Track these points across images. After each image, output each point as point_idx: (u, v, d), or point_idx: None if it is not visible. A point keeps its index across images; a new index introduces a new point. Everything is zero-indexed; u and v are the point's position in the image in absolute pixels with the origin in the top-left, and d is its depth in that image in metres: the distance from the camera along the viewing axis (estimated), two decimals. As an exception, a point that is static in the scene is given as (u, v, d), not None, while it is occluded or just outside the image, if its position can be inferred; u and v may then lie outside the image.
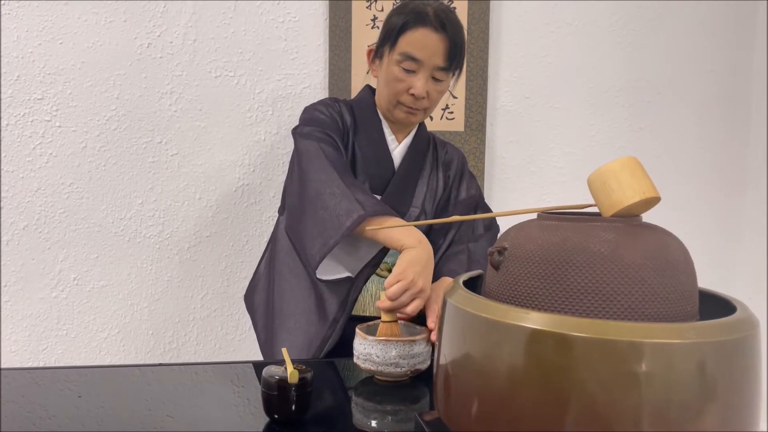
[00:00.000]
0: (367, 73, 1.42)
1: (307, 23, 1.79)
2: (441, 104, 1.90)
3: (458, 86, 1.90)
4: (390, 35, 1.30)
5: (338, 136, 1.33)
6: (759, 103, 2.12)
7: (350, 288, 1.26)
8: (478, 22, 1.89)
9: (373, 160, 1.37)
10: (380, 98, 1.38)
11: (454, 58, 1.30)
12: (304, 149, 1.29)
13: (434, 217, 1.44)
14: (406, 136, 1.42)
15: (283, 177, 1.62)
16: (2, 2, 1.60)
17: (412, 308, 1.06)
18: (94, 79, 1.67)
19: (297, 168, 1.30)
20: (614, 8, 2.00)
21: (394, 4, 1.80)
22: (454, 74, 1.36)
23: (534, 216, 0.74)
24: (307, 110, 1.40)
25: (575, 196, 1.95)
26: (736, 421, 0.60)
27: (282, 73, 1.79)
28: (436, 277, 1.28)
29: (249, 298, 1.47)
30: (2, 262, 1.66)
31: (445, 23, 1.27)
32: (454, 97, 1.90)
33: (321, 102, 1.40)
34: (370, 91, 1.45)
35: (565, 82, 2.00)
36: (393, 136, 1.41)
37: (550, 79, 1.99)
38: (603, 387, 0.56)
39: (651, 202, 0.67)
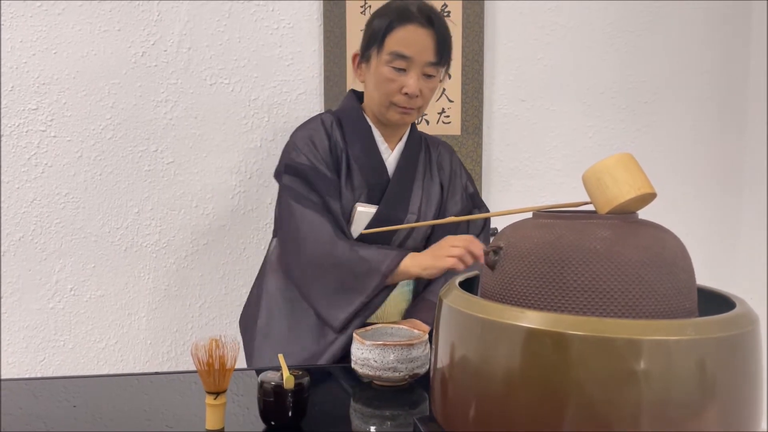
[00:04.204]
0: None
1: (301, 29, 1.79)
2: (437, 108, 1.90)
3: (454, 90, 1.90)
4: (376, 36, 1.29)
5: (323, 181, 1.31)
6: (755, 102, 2.12)
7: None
8: (472, 24, 1.89)
9: (368, 170, 1.36)
10: (371, 102, 1.36)
11: (443, 52, 1.29)
12: (299, 216, 1.28)
13: (435, 219, 1.42)
14: (398, 142, 1.41)
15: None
16: (-4, 13, 1.60)
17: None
18: (89, 88, 1.67)
19: (294, 232, 1.29)
20: (609, 9, 2.00)
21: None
22: (444, 68, 1.35)
23: (529, 215, 0.74)
24: (289, 150, 1.35)
25: (573, 198, 1.91)
26: (736, 419, 0.59)
27: (277, 79, 1.79)
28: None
29: (243, 321, 1.45)
30: (-1, 274, 1.66)
31: (432, 17, 1.27)
32: (450, 101, 1.90)
33: (305, 133, 1.35)
34: (355, 97, 1.42)
35: (562, 83, 2.00)
36: (385, 144, 1.39)
37: (546, 81, 1.99)
38: (601, 385, 0.55)
39: (647, 198, 0.66)
